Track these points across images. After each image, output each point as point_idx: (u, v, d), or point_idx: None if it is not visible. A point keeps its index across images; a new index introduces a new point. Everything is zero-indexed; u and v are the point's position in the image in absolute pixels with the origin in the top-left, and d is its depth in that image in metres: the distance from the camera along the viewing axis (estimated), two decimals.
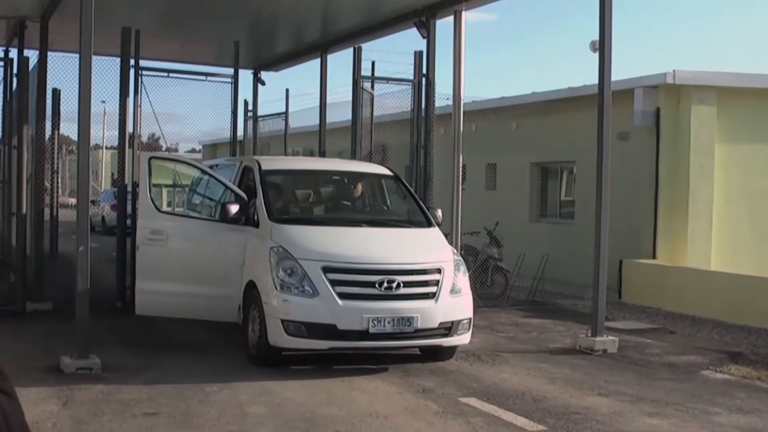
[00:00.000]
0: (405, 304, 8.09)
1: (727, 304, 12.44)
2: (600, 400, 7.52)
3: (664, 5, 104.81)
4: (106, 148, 46.75)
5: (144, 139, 14.63)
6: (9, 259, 12.70)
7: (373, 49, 13.68)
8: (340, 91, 22.09)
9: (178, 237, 9.49)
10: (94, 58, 8.28)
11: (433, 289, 8.27)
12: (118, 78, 12.22)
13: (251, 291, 8.55)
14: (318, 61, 15.53)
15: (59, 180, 16.68)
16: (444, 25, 12.48)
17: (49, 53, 11.83)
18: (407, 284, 8.15)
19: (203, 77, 13.53)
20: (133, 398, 7.08)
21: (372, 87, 13.10)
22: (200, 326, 10.65)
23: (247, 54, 15.41)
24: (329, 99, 16.00)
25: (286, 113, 17.48)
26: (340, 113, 16.96)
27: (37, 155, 11.72)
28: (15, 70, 11.85)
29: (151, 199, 9.73)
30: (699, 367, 9.16)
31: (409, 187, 10.37)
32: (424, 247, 8.91)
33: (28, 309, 11.20)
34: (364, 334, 7.97)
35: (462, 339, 8.53)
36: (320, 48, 15.21)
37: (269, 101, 45.66)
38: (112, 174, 34.93)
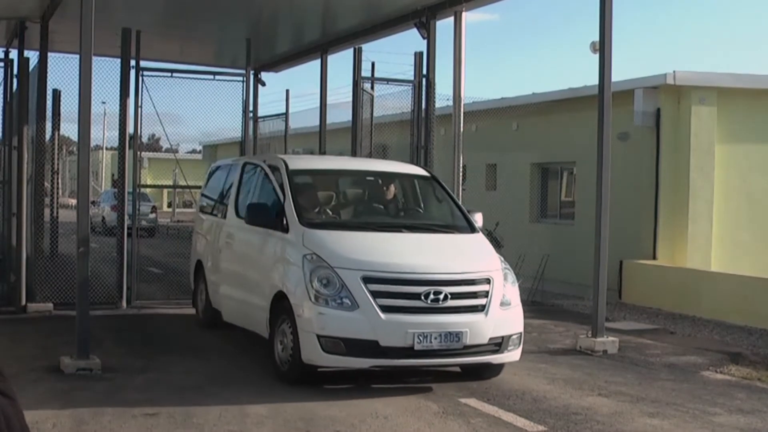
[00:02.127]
0: (453, 317, 7.37)
1: (727, 304, 12.44)
2: (600, 400, 7.52)
3: (664, 5, 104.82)
4: (107, 148, 46.75)
5: (144, 139, 14.61)
6: (9, 259, 12.69)
7: (373, 50, 13.65)
8: (341, 91, 22.15)
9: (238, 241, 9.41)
10: (94, 58, 8.28)
11: (482, 301, 7.56)
12: (119, 79, 12.23)
13: (281, 302, 7.81)
14: (318, 61, 15.53)
15: (59, 180, 16.68)
16: (444, 25, 12.50)
17: (49, 54, 11.84)
18: (455, 296, 7.43)
19: (211, 76, 13.49)
20: (133, 398, 7.08)
21: (372, 88, 13.09)
22: (200, 326, 10.66)
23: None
24: (329, 100, 16.02)
25: (286, 114, 17.49)
26: (340, 114, 16.97)
27: (37, 156, 11.72)
28: (15, 71, 11.84)
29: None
30: (699, 367, 9.16)
31: (448, 188, 9.63)
32: (470, 255, 8.21)
33: (28, 309, 11.21)
34: (408, 351, 7.24)
35: (512, 356, 7.81)
36: (320, 48, 15.21)
37: (269, 102, 45.72)
38: (113, 174, 34.94)
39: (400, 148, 13.51)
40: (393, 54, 18.62)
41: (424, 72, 12.58)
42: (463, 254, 8.24)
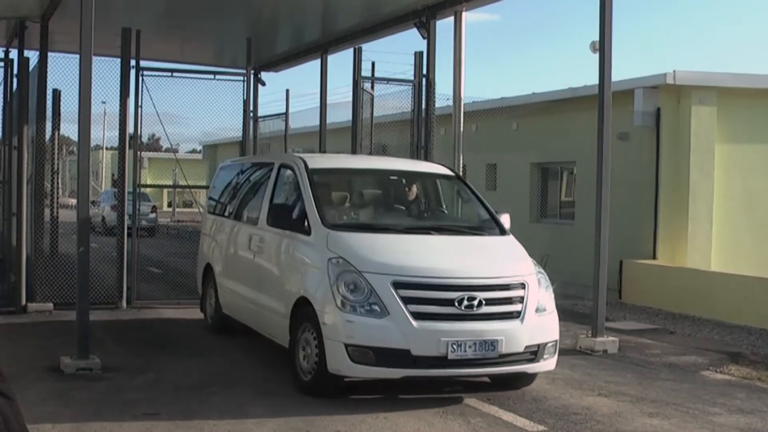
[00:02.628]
0: (488, 325, 6.97)
1: (727, 304, 12.44)
2: (600, 400, 7.52)
3: (664, 5, 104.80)
4: (107, 148, 46.77)
5: (144, 139, 14.61)
6: (9, 259, 12.69)
7: (373, 50, 13.65)
8: (340, 91, 22.15)
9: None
10: (94, 58, 8.28)
11: (517, 307, 7.17)
12: (119, 78, 12.23)
13: (303, 309, 7.39)
14: (318, 61, 15.53)
15: (59, 180, 16.69)
16: (444, 25, 12.49)
17: (49, 54, 11.84)
18: (489, 302, 7.03)
19: (211, 76, 13.49)
20: (133, 398, 7.08)
21: (372, 87, 13.09)
22: (200, 327, 10.66)
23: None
24: (329, 100, 16.01)
25: (286, 114, 17.50)
26: (340, 114, 16.96)
27: (37, 156, 11.72)
28: (15, 71, 11.85)
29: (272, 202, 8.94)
30: (699, 367, 9.16)
31: (475, 189, 9.17)
32: (503, 259, 7.82)
33: (28, 309, 11.21)
34: (442, 361, 6.84)
35: (548, 364, 7.45)
36: (320, 48, 15.20)
37: (269, 102, 45.76)
38: (113, 174, 34.95)
39: (400, 148, 13.50)
40: (393, 54, 18.63)
41: (424, 72, 12.58)
42: (496, 258, 7.85)
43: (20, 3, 11.68)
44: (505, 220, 8.46)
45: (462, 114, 12.35)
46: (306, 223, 7.78)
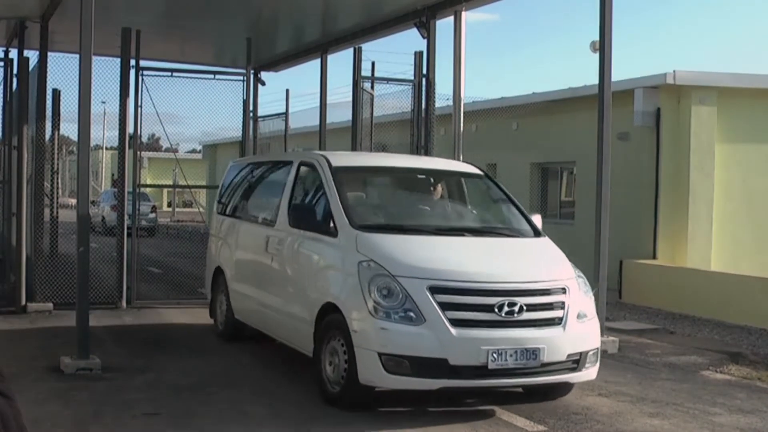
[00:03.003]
0: (529, 332, 6.60)
1: (727, 304, 12.44)
2: (600, 400, 7.52)
3: (664, 5, 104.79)
4: (107, 148, 46.79)
5: (144, 139, 14.61)
6: (9, 259, 12.69)
7: (373, 50, 13.65)
8: (341, 91, 22.14)
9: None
10: (94, 58, 8.27)
11: (559, 313, 6.80)
12: (119, 78, 12.23)
13: (330, 315, 7.00)
14: (318, 61, 15.53)
15: (59, 180, 16.68)
16: (444, 25, 12.49)
17: (49, 53, 11.83)
18: (531, 308, 6.66)
19: (211, 76, 13.49)
20: (133, 398, 7.07)
21: (372, 87, 13.09)
22: (199, 327, 10.66)
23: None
24: (329, 99, 16.01)
25: (286, 114, 17.49)
26: (340, 113, 16.96)
27: (37, 155, 11.72)
28: (15, 71, 11.85)
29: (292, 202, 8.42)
30: (699, 367, 9.16)
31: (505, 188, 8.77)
32: (542, 262, 7.45)
33: (28, 309, 11.21)
34: (482, 371, 6.46)
35: (590, 374, 7.06)
36: (320, 48, 15.20)
37: (269, 102, 45.75)
38: (112, 174, 34.95)
39: (399, 147, 13.50)
40: (393, 54, 18.61)
41: (424, 72, 12.57)
42: (535, 261, 7.48)
43: (20, 3, 11.68)
44: (536, 221, 8.10)
45: (462, 114, 12.35)
46: (332, 224, 7.37)
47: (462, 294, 6.57)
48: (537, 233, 7.89)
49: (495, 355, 6.44)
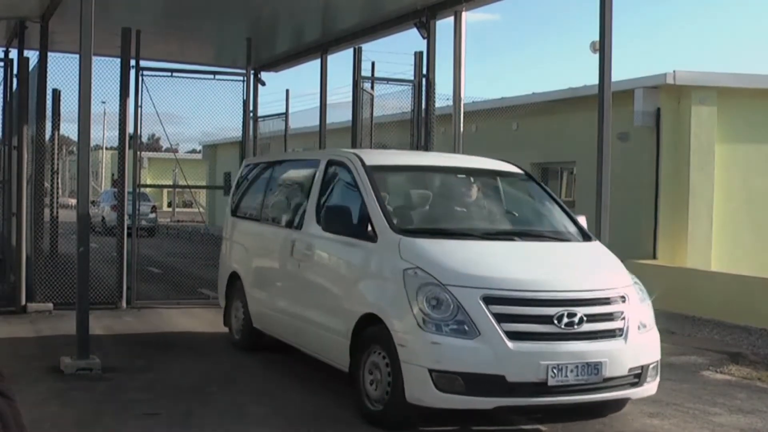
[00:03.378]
0: (590, 345, 6.13)
1: (727, 304, 12.44)
2: None
3: (664, 5, 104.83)
4: (107, 148, 46.82)
5: (144, 139, 14.62)
6: (9, 259, 12.70)
7: (373, 50, 13.65)
8: (341, 91, 22.15)
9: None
10: (94, 58, 8.27)
11: (620, 324, 6.33)
12: (119, 78, 12.23)
13: (370, 328, 6.51)
14: (318, 61, 15.53)
15: (59, 180, 16.68)
16: (444, 25, 12.49)
17: (49, 54, 11.84)
18: (591, 318, 6.18)
19: (211, 76, 13.50)
20: (133, 398, 7.07)
21: (372, 87, 13.09)
22: (200, 327, 10.66)
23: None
24: (329, 100, 16.01)
25: (286, 114, 17.51)
26: (340, 114, 16.97)
27: (37, 156, 11.72)
28: (15, 71, 11.85)
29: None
30: (699, 367, 9.17)
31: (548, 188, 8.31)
32: (598, 268, 6.99)
33: (28, 309, 11.21)
34: (540, 388, 5.97)
35: (651, 388, 6.57)
36: (320, 48, 15.20)
37: (269, 102, 45.76)
38: (112, 174, 34.96)
39: (399, 147, 13.50)
40: (393, 54, 18.61)
41: (424, 72, 12.57)
42: (591, 267, 7.01)
43: (20, 3, 11.68)
44: (582, 222, 7.67)
45: (462, 114, 12.35)
46: (369, 228, 6.84)
47: (519, 304, 6.09)
48: (586, 237, 7.43)
49: (555, 370, 5.96)
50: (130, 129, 12.49)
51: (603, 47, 9.86)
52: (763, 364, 9.34)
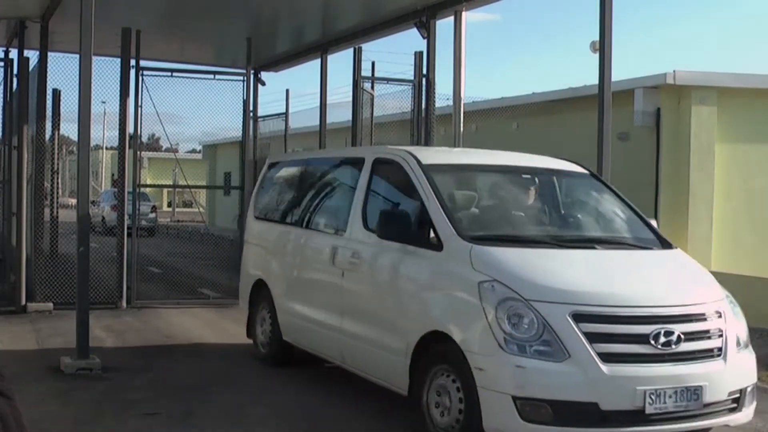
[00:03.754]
0: (689, 367, 5.49)
1: None
2: None
3: (664, 5, 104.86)
4: (107, 148, 46.82)
5: (144, 139, 14.62)
6: (9, 259, 12.70)
7: (373, 50, 13.67)
8: (341, 91, 22.16)
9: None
10: (94, 58, 8.28)
11: (718, 342, 5.69)
12: (119, 78, 12.24)
13: (436, 346, 5.83)
14: (318, 61, 15.54)
15: (59, 180, 16.68)
16: (444, 25, 12.49)
17: (49, 53, 11.85)
18: (688, 336, 5.53)
19: (211, 76, 13.51)
20: (133, 398, 7.08)
21: (372, 87, 13.10)
22: (200, 327, 10.67)
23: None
24: (329, 99, 16.01)
25: (286, 114, 17.51)
26: (340, 114, 16.97)
27: (37, 155, 11.73)
28: (15, 71, 11.86)
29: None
30: None
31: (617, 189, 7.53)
32: (687, 280, 6.27)
33: (28, 309, 11.22)
34: (637, 416, 5.31)
35: (748, 414, 5.89)
36: (320, 48, 15.20)
37: (269, 102, 45.78)
38: (112, 174, 34.97)
39: None
40: (393, 54, 18.63)
41: (424, 72, 12.58)
42: (680, 279, 6.30)
43: (20, 3, 11.68)
44: (654, 226, 7.04)
45: (462, 114, 12.35)
46: (432, 235, 6.14)
47: (613, 322, 5.42)
48: (666, 243, 6.73)
49: (653, 396, 5.31)
50: (130, 129, 12.50)
51: (603, 47, 9.87)
52: (763, 364, 9.33)
